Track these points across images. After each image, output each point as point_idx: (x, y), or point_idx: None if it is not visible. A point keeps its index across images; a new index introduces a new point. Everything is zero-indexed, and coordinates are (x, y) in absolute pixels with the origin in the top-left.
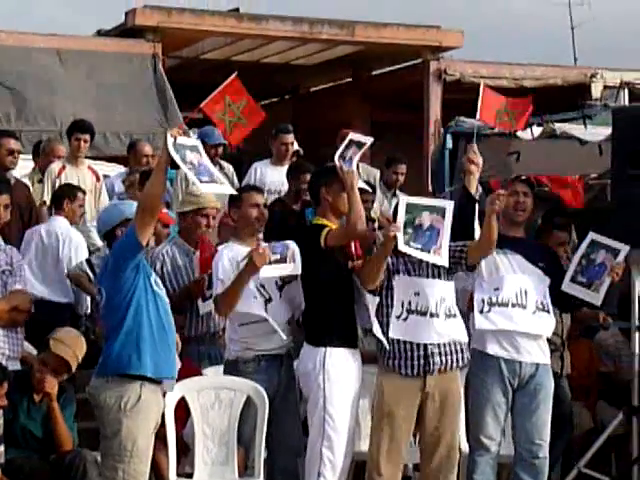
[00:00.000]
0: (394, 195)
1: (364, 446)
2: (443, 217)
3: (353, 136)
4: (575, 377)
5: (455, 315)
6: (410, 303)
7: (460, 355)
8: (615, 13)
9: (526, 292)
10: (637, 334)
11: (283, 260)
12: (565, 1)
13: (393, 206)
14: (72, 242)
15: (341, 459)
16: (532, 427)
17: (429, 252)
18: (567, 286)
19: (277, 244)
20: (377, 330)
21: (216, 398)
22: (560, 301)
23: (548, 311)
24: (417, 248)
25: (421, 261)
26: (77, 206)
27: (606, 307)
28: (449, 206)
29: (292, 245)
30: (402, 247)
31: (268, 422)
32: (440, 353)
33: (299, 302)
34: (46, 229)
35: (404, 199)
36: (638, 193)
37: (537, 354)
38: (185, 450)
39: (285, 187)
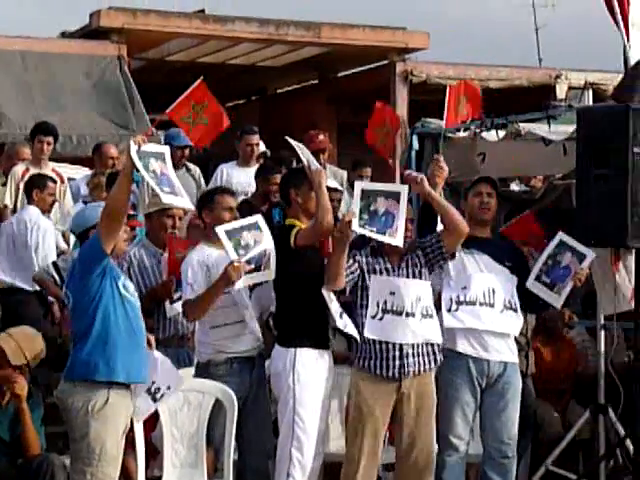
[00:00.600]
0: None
1: (334, 447)
2: (398, 202)
3: (294, 143)
4: (553, 378)
5: (432, 315)
6: (385, 303)
7: (434, 357)
8: (579, 15)
9: (494, 291)
10: (602, 332)
11: (257, 269)
12: (529, 2)
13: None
14: (40, 229)
15: (310, 460)
16: (500, 426)
17: (384, 234)
18: (531, 284)
19: (253, 254)
20: (343, 325)
21: (185, 400)
22: (527, 301)
23: (516, 310)
24: (372, 230)
25: (401, 261)
26: (47, 195)
27: (571, 306)
28: (404, 190)
29: (268, 250)
30: (356, 228)
31: (239, 423)
32: (414, 354)
33: (268, 303)
34: (16, 218)
35: (359, 185)
36: (602, 193)
37: (505, 353)
38: (154, 453)
39: (251, 188)
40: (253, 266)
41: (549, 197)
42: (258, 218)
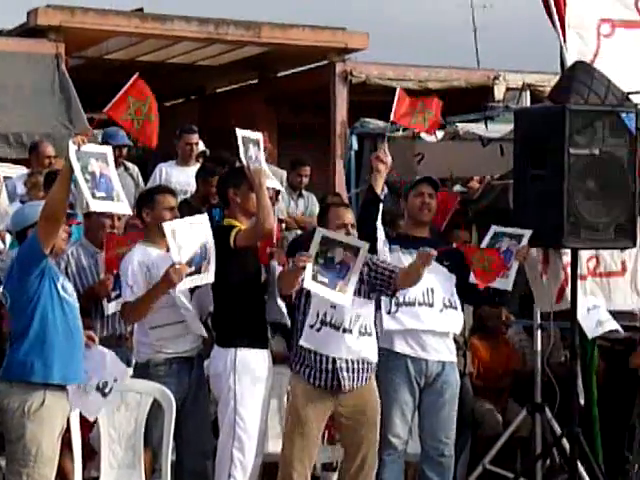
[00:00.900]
0: (300, 196)
1: (272, 447)
2: (356, 256)
3: (241, 132)
4: (492, 376)
5: (370, 334)
6: (325, 315)
7: (367, 374)
8: (517, 16)
9: (432, 290)
10: (539, 332)
11: (199, 271)
12: (468, 4)
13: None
14: None
15: (252, 460)
16: (439, 425)
17: (334, 288)
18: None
19: (195, 254)
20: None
21: (122, 401)
22: (468, 295)
23: (455, 308)
24: (323, 282)
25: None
26: None
27: (508, 306)
28: (364, 246)
29: (209, 251)
30: (307, 284)
31: (178, 424)
32: (348, 369)
33: (208, 304)
34: None
35: (320, 231)
36: (539, 193)
37: (443, 352)
38: (91, 454)
39: (191, 187)
40: (194, 269)
41: (487, 197)
42: (204, 218)
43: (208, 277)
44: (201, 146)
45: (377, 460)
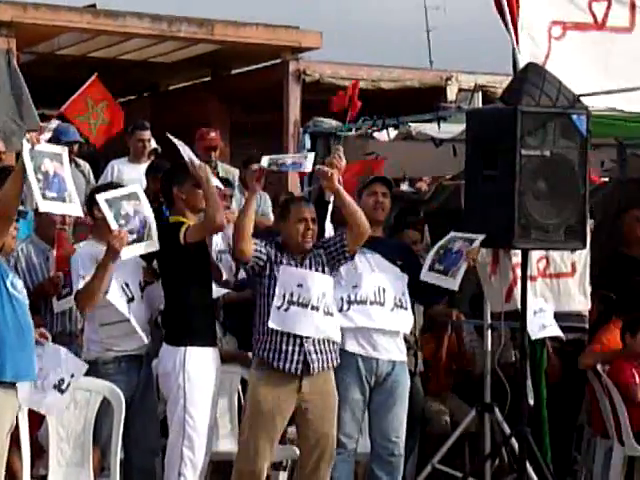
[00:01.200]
0: None
1: (222, 446)
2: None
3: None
4: (442, 375)
5: (332, 314)
6: (292, 294)
7: (333, 355)
8: (470, 18)
9: (384, 290)
10: (489, 332)
11: (141, 239)
12: (422, 5)
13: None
14: None
15: (202, 458)
16: (388, 424)
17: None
18: (425, 274)
19: (135, 221)
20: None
21: (71, 399)
22: (420, 294)
23: (406, 308)
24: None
25: (304, 258)
26: None
27: (459, 306)
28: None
29: (149, 220)
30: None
31: (126, 422)
32: (316, 351)
33: (159, 303)
34: None
35: (265, 159)
36: (490, 194)
37: (394, 352)
38: (39, 452)
39: (143, 185)
40: (135, 236)
41: (438, 198)
42: (137, 188)
43: (153, 244)
44: (153, 143)
45: (334, 457)
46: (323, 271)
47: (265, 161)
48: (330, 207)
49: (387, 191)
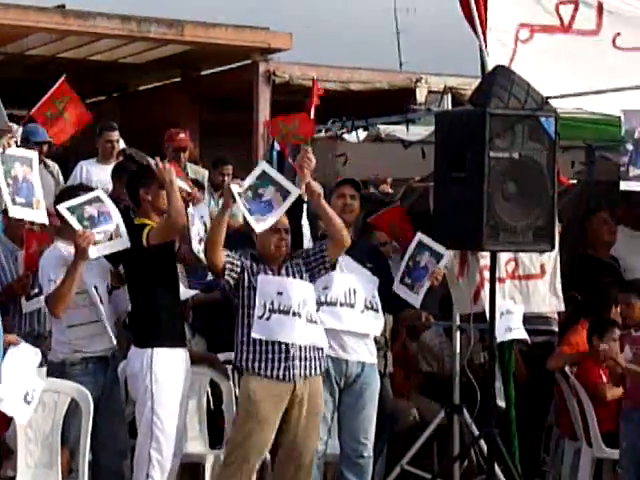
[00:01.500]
0: (221, 196)
1: (191, 448)
2: (284, 200)
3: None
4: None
5: (315, 321)
6: (273, 303)
7: (320, 362)
8: (439, 20)
9: (354, 291)
10: (458, 334)
11: (110, 238)
12: (392, 7)
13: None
14: None
15: (170, 460)
16: (358, 426)
17: (252, 216)
18: (397, 287)
19: (100, 222)
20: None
21: (39, 401)
22: (386, 302)
23: (377, 310)
24: (245, 206)
25: (280, 267)
26: None
27: (428, 308)
28: (294, 192)
29: (115, 219)
30: (235, 191)
31: (93, 424)
32: (301, 357)
33: (125, 306)
34: None
35: (262, 165)
36: (459, 196)
37: (364, 353)
38: (7, 453)
39: (111, 185)
40: (103, 235)
41: (408, 200)
42: (99, 192)
43: (123, 242)
44: (122, 144)
45: (312, 469)
46: (302, 278)
47: (235, 189)
48: (305, 206)
49: (355, 193)
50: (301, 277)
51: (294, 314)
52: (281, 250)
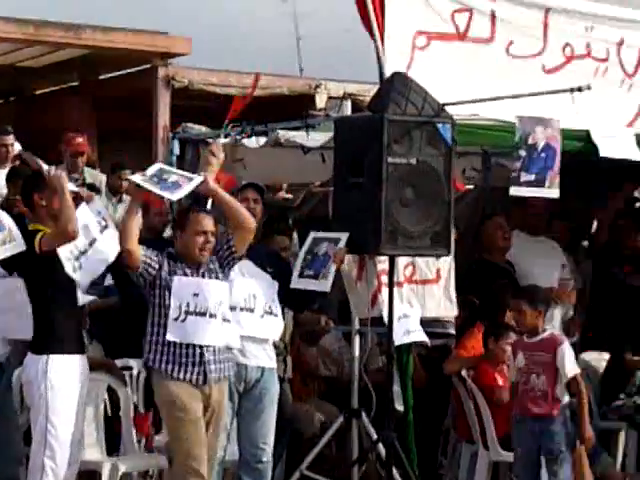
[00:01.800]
0: (120, 201)
1: (89, 455)
2: (189, 181)
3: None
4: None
5: (229, 321)
6: (188, 304)
7: (230, 364)
8: (339, 26)
9: (255, 296)
10: (357, 338)
11: (2, 243)
12: (292, 12)
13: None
14: None
15: (64, 468)
16: (257, 431)
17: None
18: (296, 282)
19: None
20: None
21: None
22: (292, 301)
23: (276, 315)
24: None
25: (199, 266)
26: None
27: (327, 313)
28: (198, 177)
29: (6, 223)
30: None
31: None
32: (215, 361)
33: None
34: None
35: (159, 164)
36: (358, 201)
37: (263, 358)
38: None
39: (5, 190)
40: None
41: (307, 205)
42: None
43: (18, 246)
44: (17, 147)
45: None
46: (218, 278)
47: (138, 177)
48: (210, 201)
49: (258, 197)
50: (217, 277)
51: (210, 315)
52: (204, 253)
